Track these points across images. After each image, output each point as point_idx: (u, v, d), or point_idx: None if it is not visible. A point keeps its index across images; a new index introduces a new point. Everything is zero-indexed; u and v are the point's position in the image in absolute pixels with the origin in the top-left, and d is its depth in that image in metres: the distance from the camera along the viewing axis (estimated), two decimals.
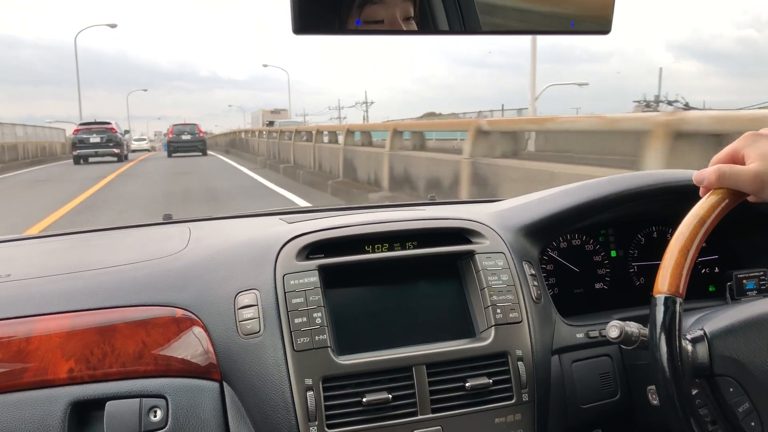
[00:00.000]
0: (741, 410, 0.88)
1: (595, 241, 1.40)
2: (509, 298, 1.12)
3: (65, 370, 1.01)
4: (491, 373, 1.07)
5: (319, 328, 1.02)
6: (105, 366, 1.03)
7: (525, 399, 1.08)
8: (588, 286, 1.38)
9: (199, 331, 1.06)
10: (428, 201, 1.72)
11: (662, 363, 0.84)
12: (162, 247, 1.24)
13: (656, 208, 1.37)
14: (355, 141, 13.44)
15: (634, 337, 0.89)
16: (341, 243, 1.13)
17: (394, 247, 1.15)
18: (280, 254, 1.09)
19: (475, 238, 1.19)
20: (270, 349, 1.02)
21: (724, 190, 0.89)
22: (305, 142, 16.87)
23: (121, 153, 27.14)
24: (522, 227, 1.26)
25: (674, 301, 0.84)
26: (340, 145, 13.69)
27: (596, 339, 1.20)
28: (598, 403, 1.19)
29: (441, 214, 1.26)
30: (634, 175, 1.33)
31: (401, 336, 1.08)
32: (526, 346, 1.10)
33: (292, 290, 1.05)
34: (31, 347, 1.01)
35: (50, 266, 1.21)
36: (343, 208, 1.63)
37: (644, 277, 1.41)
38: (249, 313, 1.04)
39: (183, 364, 1.05)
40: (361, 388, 1.02)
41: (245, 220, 1.52)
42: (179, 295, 1.09)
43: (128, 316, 1.06)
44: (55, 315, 1.05)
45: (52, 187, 15.76)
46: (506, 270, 1.15)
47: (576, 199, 1.29)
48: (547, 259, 1.35)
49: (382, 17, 0.79)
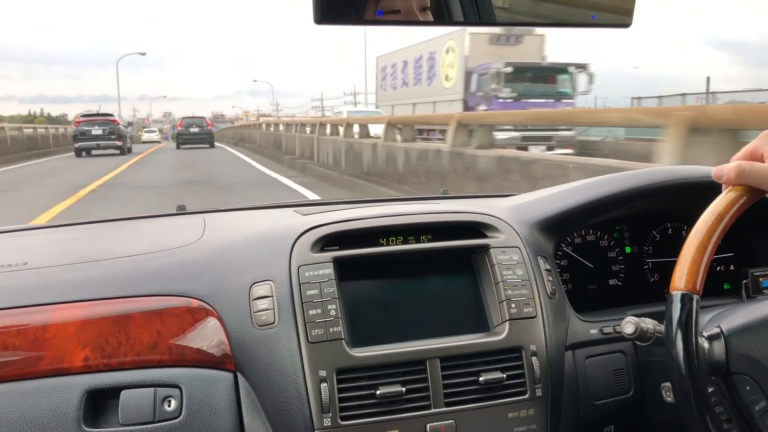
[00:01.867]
0: (757, 409, 0.87)
1: (609, 237, 1.39)
2: (524, 292, 1.12)
3: (81, 359, 1.02)
4: (505, 368, 1.07)
5: (333, 320, 1.02)
6: (120, 355, 1.03)
7: (538, 394, 1.08)
8: (602, 282, 1.38)
9: (213, 321, 1.06)
10: (441, 195, 1.72)
11: (678, 360, 0.83)
12: (177, 238, 1.24)
13: (671, 204, 1.37)
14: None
15: (649, 334, 0.89)
16: (356, 235, 1.13)
17: (408, 240, 1.15)
18: (295, 246, 1.09)
19: (490, 232, 1.18)
20: (284, 340, 1.02)
21: (743, 187, 0.89)
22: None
23: (123, 145, 26.36)
24: (537, 222, 1.25)
25: (691, 298, 0.84)
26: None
27: (610, 335, 1.20)
28: (611, 400, 1.18)
29: (456, 207, 1.26)
30: (651, 171, 1.32)
31: (415, 329, 1.08)
32: (540, 342, 1.10)
33: (307, 282, 1.05)
34: (47, 335, 1.02)
35: (66, 255, 1.21)
36: (357, 201, 1.63)
37: (658, 273, 1.40)
38: (264, 304, 1.04)
39: (197, 354, 1.05)
40: (375, 380, 1.02)
41: (259, 212, 1.52)
42: (194, 285, 1.09)
43: (143, 306, 1.06)
44: (71, 304, 1.05)
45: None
46: (521, 264, 1.15)
47: (592, 194, 1.28)
48: (562, 255, 1.35)
49: (399, 7, 0.79)
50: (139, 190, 12.63)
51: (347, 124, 14.18)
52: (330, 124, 16.26)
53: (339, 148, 13.80)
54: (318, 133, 16.13)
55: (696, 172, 1.29)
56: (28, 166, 20.41)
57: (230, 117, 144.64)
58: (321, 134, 15.96)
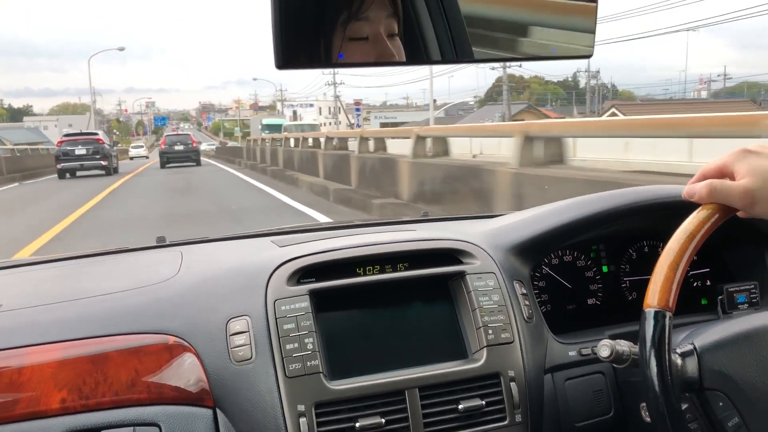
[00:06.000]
0: (730, 425, 0.88)
1: (586, 256, 1.40)
2: (500, 318, 1.13)
3: (58, 401, 1.01)
4: (484, 395, 1.07)
5: (311, 354, 1.02)
6: (98, 395, 1.02)
7: (518, 420, 1.08)
8: (581, 302, 1.39)
9: (191, 358, 1.06)
10: (421, 218, 1.72)
11: (652, 376, 0.84)
12: (153, 274, 1.24)
13: (647, 223, 1.38)
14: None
15: (625, 356, 0.90)
16: (332, 266, 1.13)
17: (385, 269, 1.15)
18: (271, 279, 1.09)
19: (465, 259, 1.19)
20: (262, 375, 1.02)
21: (715, 205, 0.90)
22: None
23: (109, 165, 25.02)
24: (512, 247, 1.26)
25: (664, 315, 0.85)
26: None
27: (589, 356, 1.20)
28: (592, 421, 1.19)
29: (432, 234, 1.27)
30: (625, 191, 1.34)
31: (393, 359, 1.08)
32: (519, 366, 1.11)
33: (284, 316, 1.05)
34: (23, 378, 1.01)
35: (41, 295, 1.20)
36: (334, 227, 1.63)
37: (636, 292, 1.41)
38: (241, 340, 1.04)
39: (176, 392, 1.05)
40: (354, 413, 1.02)
41: (237, 242, 1.52)
42: (171, 322, 1.09)
43: (120, 345, 1.06)
44: (47, 345, 1.04)
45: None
46: (497, 290, 1.15)
47: (566, 217, 1.29)
48: (539, 276, 1.36)
49: (367, 33, 0.80)
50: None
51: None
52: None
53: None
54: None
55: (669, 191, 1.31)
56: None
57: (220, 107, 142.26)
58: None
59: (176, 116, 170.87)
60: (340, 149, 14.70)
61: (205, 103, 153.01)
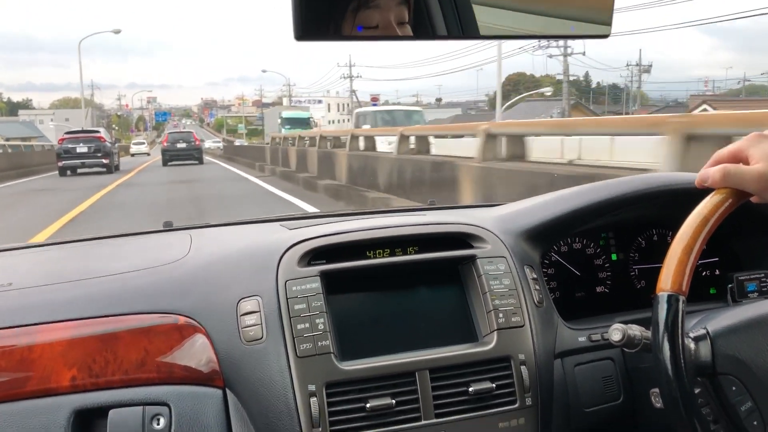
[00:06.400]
0: (743, 409, 0.88)
1: (596, 244, 1.40)
2: (511, 302, 1.12)
3: (68, 379, 1.01)
4: (494, 378, 1.07)
5: (321, 334, 1.02)
6: (107, 374, 1.02)
7: (528, 403, 1.08)
8: (589, 290, 1.39)
9: (201, 338, 1.06)
10: (429, 206, 1.72)
11: (665, 361, 0.84)
12: (163, 255, 1.24)
13: (656, 211, 1.38)
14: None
15: (636, 340, 0.90)
16: (343, 249, 1.13)
17: (395, 253, 1.15)
18: (282, 260, 1.09)
19: (476, 243, 1.19)
20: (273, 355, 1.02)
21: (728, 189, 0.90)
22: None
23: (110, 163, 24.79)
24: (523, 231, 1.26)
25: (677, 299, 0.85)
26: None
27: (598, 342, 1.20)
28: (601, 407, 1.19)
29: (442, 218, 1.27)
30: (635, 178, 1.33)
31: (404, 341, 1.08)
32: (529, 351, 1.10)
33: (295, 296, 1.05)
34: (33, 356, 1.01)
35: (51, 274, 1.20)
36: (344, 214, 1.63)
37: (645, 280, 1.41)
38: (251, 320, 1.04)
39: (186, 372, 1.05)
40: (365, 393, 1.02)
41: (246, 226, 1.52)
42: (181, 302, 1.09)
43: (130, 324, 1.06)
44: (57, 323, 1.04)
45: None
46: (508, 274, 1.15)
47: (577, 203, 1.29)
48: (549, 263, 1.36)
49: (377, 22, 0.79)
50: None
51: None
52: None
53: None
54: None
55: (680, 178, 1.30)
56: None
57: (222, 103, 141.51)
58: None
59: (178, 112, 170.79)
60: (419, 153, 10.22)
61: (207, 99, 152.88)
